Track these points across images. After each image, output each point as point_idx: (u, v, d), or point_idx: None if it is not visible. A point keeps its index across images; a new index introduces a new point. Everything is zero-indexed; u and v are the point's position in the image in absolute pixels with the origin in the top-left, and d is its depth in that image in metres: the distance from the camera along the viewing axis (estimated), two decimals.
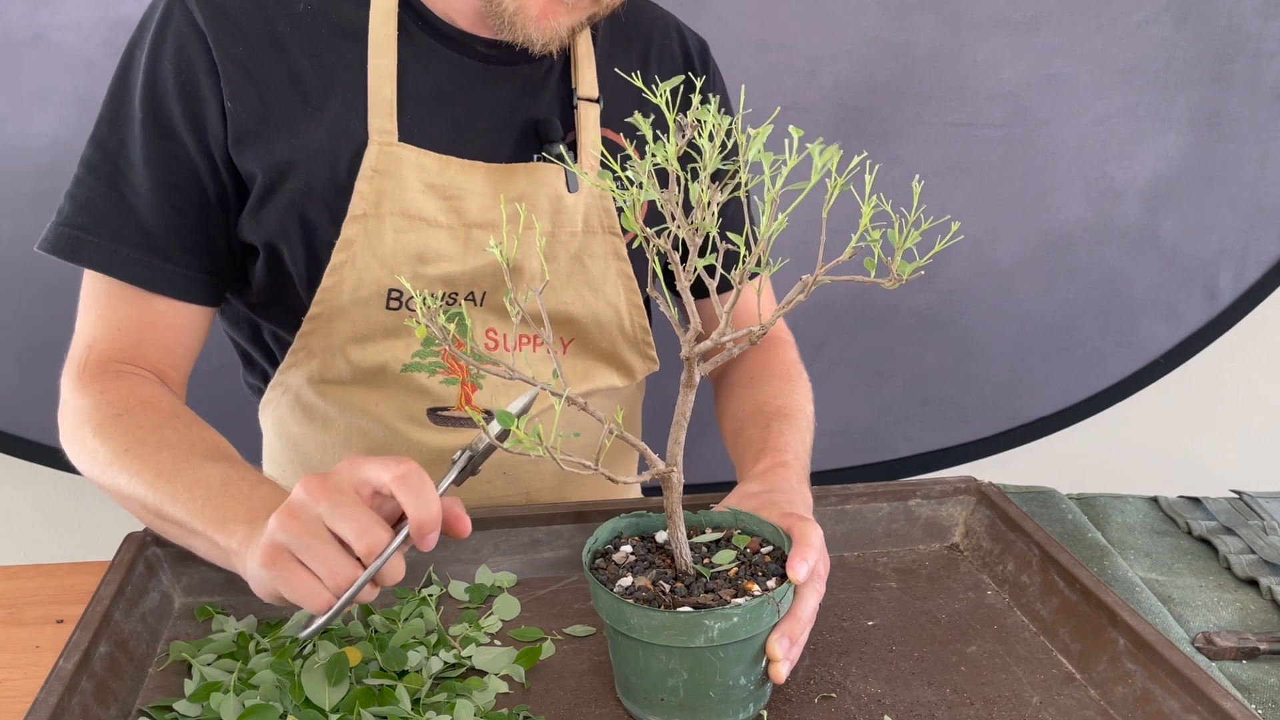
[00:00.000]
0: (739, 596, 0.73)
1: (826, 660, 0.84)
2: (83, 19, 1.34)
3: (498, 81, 0.98)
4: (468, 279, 0.98)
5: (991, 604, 0.93)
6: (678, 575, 0.76)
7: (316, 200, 0.93)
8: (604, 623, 0.76)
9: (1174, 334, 1.77)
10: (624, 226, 0.61)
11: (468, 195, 0.96)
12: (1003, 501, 1.00)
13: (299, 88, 0.93)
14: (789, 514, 0.82)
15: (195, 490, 0.80)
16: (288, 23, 0.93)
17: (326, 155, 0.93)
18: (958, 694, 0.81)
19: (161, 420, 0.87)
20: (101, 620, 0.78)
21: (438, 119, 0.96)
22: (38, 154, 1.39)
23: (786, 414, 1.03)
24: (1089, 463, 1.82)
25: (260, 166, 0.92)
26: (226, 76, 0.90)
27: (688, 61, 1.09)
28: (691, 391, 0.73)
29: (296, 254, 0.95)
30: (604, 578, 0.75)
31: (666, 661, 0.72)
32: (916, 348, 1.69)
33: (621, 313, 1.05)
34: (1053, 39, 1.54)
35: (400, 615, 0.87)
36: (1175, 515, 1.16)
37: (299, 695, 0.75)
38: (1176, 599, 1.00)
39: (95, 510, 1.62)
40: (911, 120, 1.55)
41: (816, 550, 0.76)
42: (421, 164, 0.94)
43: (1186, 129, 1.63)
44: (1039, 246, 1.67)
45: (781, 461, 0.94)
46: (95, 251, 0.91)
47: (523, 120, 0.99)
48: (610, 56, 1.04)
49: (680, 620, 0.70)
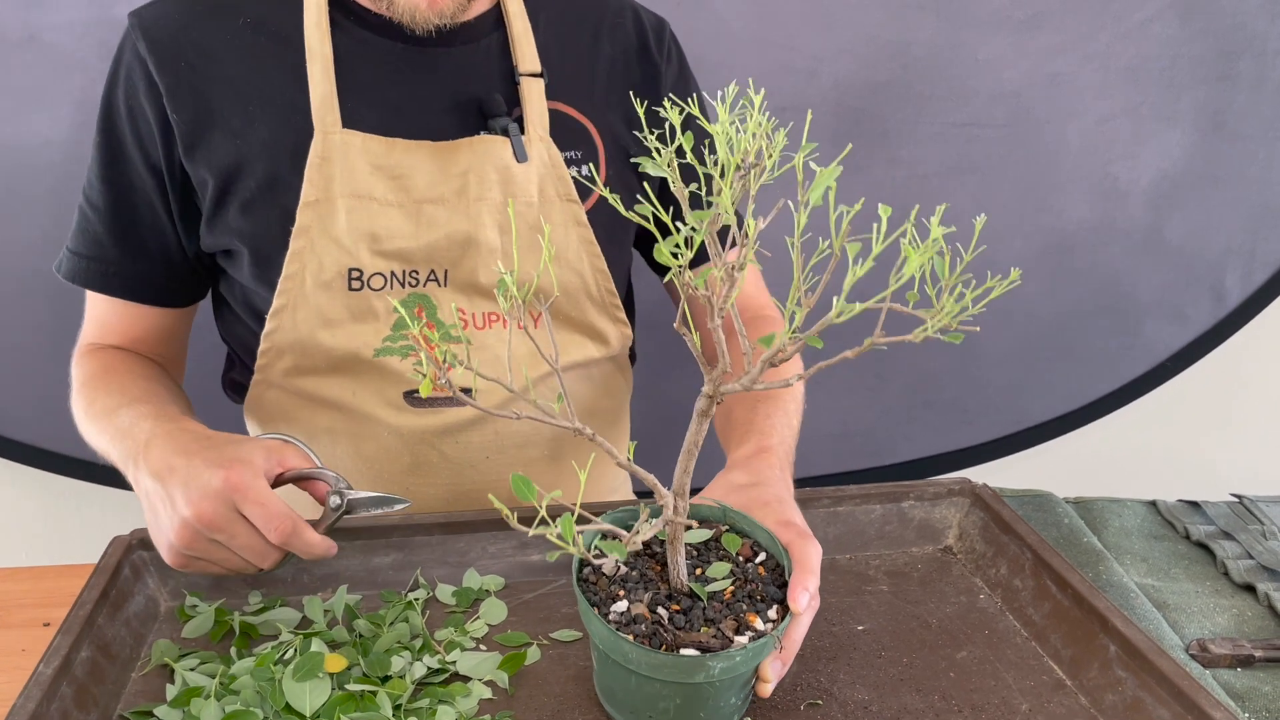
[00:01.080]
0: (740, 630, 0.71)
1: (814, 666, 0.84)
2: (76, 20, 1.34)
3: (435, 64, 1.01)
4: (424, 254, 0.99)
5: (983, 608, 0.92)
6: (671, 594, 0.74)
7: (267, 197, 0.97)
8: (589, 633, 0.75)
9: (1181, 336, 1.75)
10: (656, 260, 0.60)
11: (414, 173, 0.98)
12: (997, 504, 0.99)
13: (240, 93, 0.97)
14: (787, 523, 0.81)
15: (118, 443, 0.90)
16: (227, 35, 0.98)
17: (272, 153, 0.96)
18: (946, 701, 0.80)
19: (108, 386, 0.98)
20: (84, 624, 0.78)
21: (378, 105, 0.99)
22: (32, 155, 1.40)
23: (772, 395, 1.02)
24: (1094, 466, 1.80)
25: (211, 172, 0.97)
26: (169, 92, 0.96)
27: (641, 40, 1.09)
28: (706, 420, 0.70)
29: (256, 251, 0.98)
30: (595, 597, 0.73)
31: (661, 689, 0.71)
32: (918, 350, 1.68)
33: (587, 279, 1.05)
34: (1055, 38, 1.52)
35: (385, 620, 0.86)
36: (1174, 520, 1.14)
37: (279, 701, 0.74)
38: (1172, 605, 0.98)
39: (85, 512, 1.62)
40: (912, 120, 1.54)
41: (817, 575, 0.76)
42: (367, 147, 0.97)
43: (1191, 128, 1.61)
44: (1042, 248, 1.65)
45: (766, 446, 0.94)
46: (67, 263, 1.04)
47: (465, 99, 1.01)
48: (558, 36, 1.06)
49: (682, 662, 0.68)
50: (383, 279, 0.98)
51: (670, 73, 1.11)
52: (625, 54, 1.08)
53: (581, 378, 1.11)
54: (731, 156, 0.58)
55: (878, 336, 0.59)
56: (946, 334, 0.57)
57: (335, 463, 1.07)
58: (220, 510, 0.79)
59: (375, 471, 1.06)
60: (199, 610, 0.87)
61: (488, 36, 1.03)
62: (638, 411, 1.28)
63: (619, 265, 1.09)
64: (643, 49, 1.09)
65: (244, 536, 0.80)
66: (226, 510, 0.79)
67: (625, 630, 0.70)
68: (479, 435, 1.06)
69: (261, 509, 0.79)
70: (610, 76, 1.07)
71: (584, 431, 0.66)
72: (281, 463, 0.85)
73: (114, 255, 1.02)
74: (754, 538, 0.81)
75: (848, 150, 0.62)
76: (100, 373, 1.01)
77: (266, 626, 0.86)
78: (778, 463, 0.92)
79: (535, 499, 0.60)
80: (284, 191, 0.96)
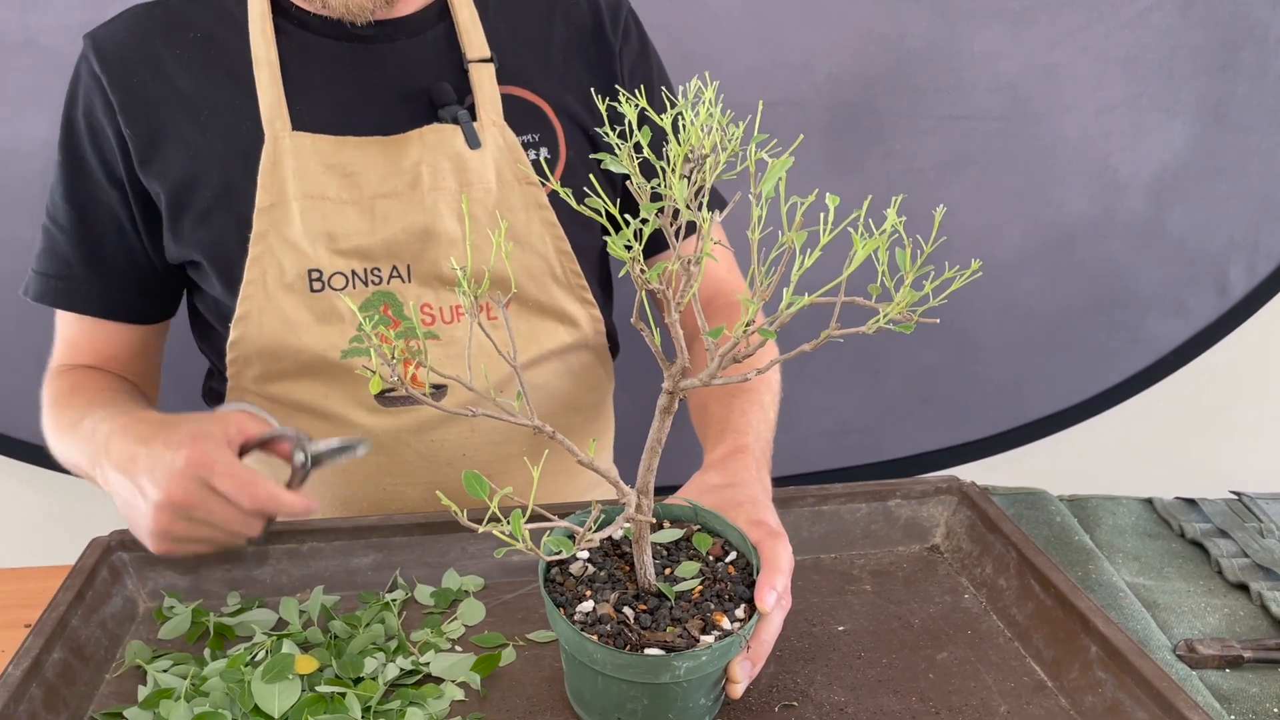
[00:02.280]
0: (706, 629, 0.71)
1: (791, 667, 0.83)
2: (72, 22, 1.35)
3: (381, 60, 1.01)
4: (383, 250, 0.99)
5: (967, 608, 0.91)
6: (638, 594, 0.74)
7: (223, 206, 0.97)
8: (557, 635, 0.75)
9: (1183, 330, 1.73)
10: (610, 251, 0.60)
11: (366, 169, 0.98)
12: (984, 502, 0.98)
13: (191, 105, 0.98)
14: (758, 523, 0.80)
15: (85, 445, 0.91)
16: (176, 49, 0.99)
17: (225, 161, 0.97)
18: (924, 702, 0.79)
19: (81, 392, 1.00)
20: (56, 625, 0.78)
21: (327, 105, 0.99)
22: (28, 158, 1.40)
23: (749, 388, 1.01)
24: (1093, 463, 1.78)
25: (164, 184, 0.98)
26: (121, 107, 0.97)
27: (597, 19, 1.08)
28: (669, 417, 0.69)
29: (216, 261, 0.99)
30: (562, 598, 0.73)
31: (628, 690, 0.70)
32: (915, 346, 1.66)
33: (551, 261, 1.05)
34: (1051, 29, 1.50)
35: (361, 621, 0.86)
36: (1169, 517, 1.13)
37: (248, 703, 0.74)
38: (1162, 604, 0.97)
39: (71, 513, 1.62)
40: (907, 114, 1.53)
41: (786, 575, 0.75)
42: (317, 148, 0.97)
43: (1192, 119, 1.59)
44: (1040, 241, 1.64)
45: (741, 446, 0.93)
46: (33, 284, 1.05)
47: (413, 91, 1.01)
48: (509, 20, 1.05)
49: (647, 661, 0.68)
50: (344, 279, 0.98)
51: (630, 52, 1.09)
52: (580, 34, 1.07)
53: (561, 370, 1.10)
54: (679, 148, 0.57)
55: (833, 329, 0.58)
56: (898, 325, 0.56)
57: None
58: (191, 488, 0.79)
59: (352, 473, 1.05)
60: (176, 611, 0.87)
61: (434, 27, 1.03)
62: (623, 408, 1.27)
63: (588, 248, 1.08)
64: (598, 28, 1.08)
65: (220, 510, 0.80)
66: (197, 487, 0.79)
67: (590, 630, 0.69)
68: (454, 433, 1.05)
69: (231, 480, 0.79)
70: (566, 58, 1.06)
71: (544, 429, 0.66)
72: (241, 430, 0.85)
73: (82, 274, 1.03)
74: (725, 537, 0.80)
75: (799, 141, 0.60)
76: (66, 391, 1.01)
77: (242, 628, 0.86)
78: (754, 462, 0.91)
79: (486, 496, 0.59)
80: (239, 199, 0.97)
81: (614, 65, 1.07)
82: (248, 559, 0.91)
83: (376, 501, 1.07)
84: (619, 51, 1.08)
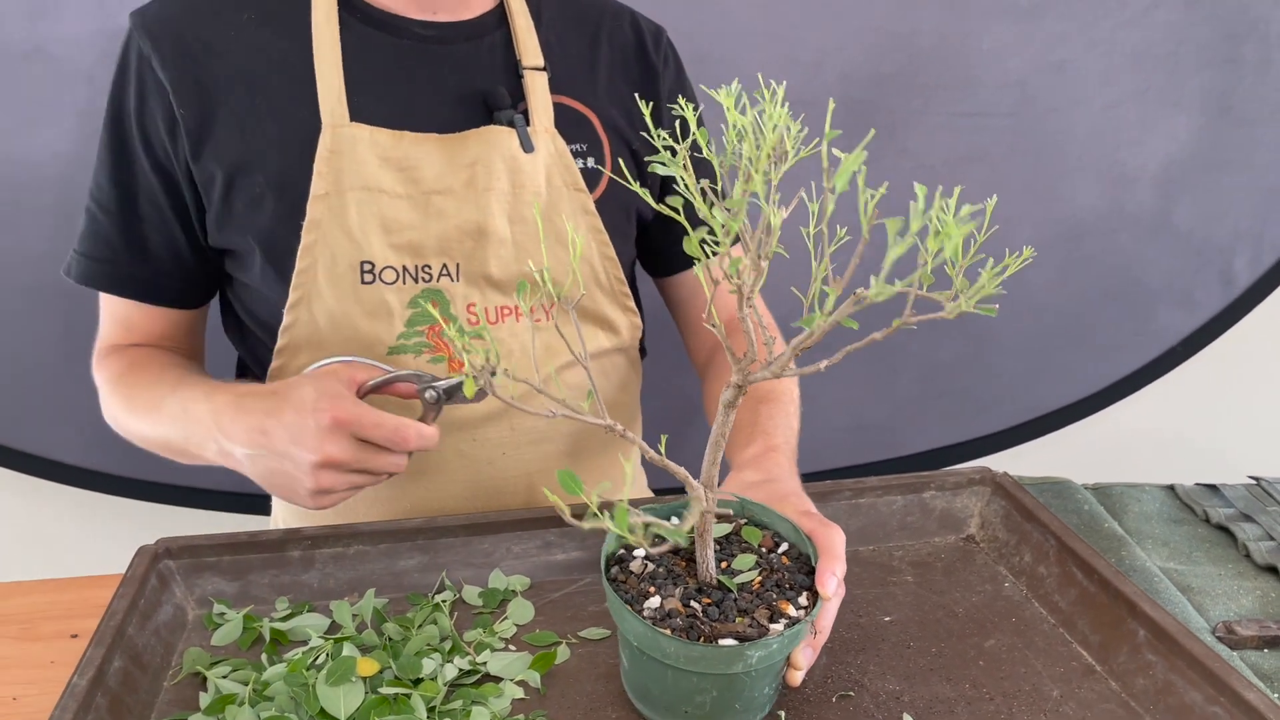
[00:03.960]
0: (773, 618, 0.72)
1: (844, 658, 0.84)
2: (81, 31, 1.34)
3: (439, 61, 1.02)
4: (435, 247, 1.00)
5: (1009, 596, 0.92)
6: (700, 587, 0.75)
7: (277, 192, 0.97)
8: (619, 630, 0.75)
9: (1190, 321, 1.75)
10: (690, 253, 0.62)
11: (423, 165, 0.99)
12: (1018, 492, 0.99)
13: (247, 88, 0.97)
14: (807, 513, 0.82)
15: (183, 423, 0.94)
16: (231, 31, 0.99)
17: (280, 148, 0.97)
18: (977, 689, 0.80)
19: (147, 374, 1.02)
20: (115, 635, 0.78)
21: (385, 100, 1.00)
22: (37, 168, 1.39)
23: (773, 397, 1.04)
24: (1108, 453, 1.80)
25: (219, 167, 0.97)
26: (174, 88, 0.96)
27: (639, 45, 1.11)
28: (734, 411, 0.70)
29: (267, 247, 0.99)
30: (627, 595, 0.73)
31: (698, 683, 0.71)
32: (930, 341, 1.68)
33: (596, 268, 1.07)
34: (1059, 25, 1.52)
35: (414, 623, 0.86)
36: (1193, 503, 1.14)
37: (314, 706, 0.74)
38: (1196, 588, 0.98)
39: (108, 523, 1.62)
40: (919, 111, 1.54)
41: (843, 561, 0.76)
42: (375, 140, 0.98)
43: (1198, 113, 1.61)
44: (1051, 236, 1.65)
45: (773, 445, 0.95)
46: (77, 266, 1.04)
47: (469, 93, 1.02)
48: (560, 34, 1.08)
49: (721, 653, 0.69)
50: (394, 273, 0.99)
51: (668, 76, 1.13)
52: (624, 54, 1.10)
53: (596, 372, 1.11)
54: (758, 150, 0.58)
55: (907, 316, 0.59)
56: (980, 307, 0.57)
57: None
58: (345, 445, 0.85)
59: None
60: (226, 618, 0.87)
61: (491, 34, 1.05)
62: (648, 407, 1.28)
63: (624, 256, 1.10)
64: (640, 50, 1.11)
65: (375, 458, 0.86)
66: (350, 443, 0.85)
67: (661, 625, 0.70)
68: (495, 431, 1.06)
69: (381, 429, 0.85)
70: (610, 74, 1.08)
71: (615, 428, 0.67)
72: (355, 380, 0.90)
73: (126, 258, 1.03)
74: (774, 529, 0.81)
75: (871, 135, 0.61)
76: (129, 369, 1.02)
77: (296, 632, 0.86)
78: (786, 461, 0.93)
79: (583, 493, 0.60)
80: (293, 186, 0.97)
81: (656, 85, 1.10)
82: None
83: (415, 501, 1.07)
84: (660, 74, 1.11)
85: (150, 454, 1.01)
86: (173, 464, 1.00)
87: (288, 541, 0.92)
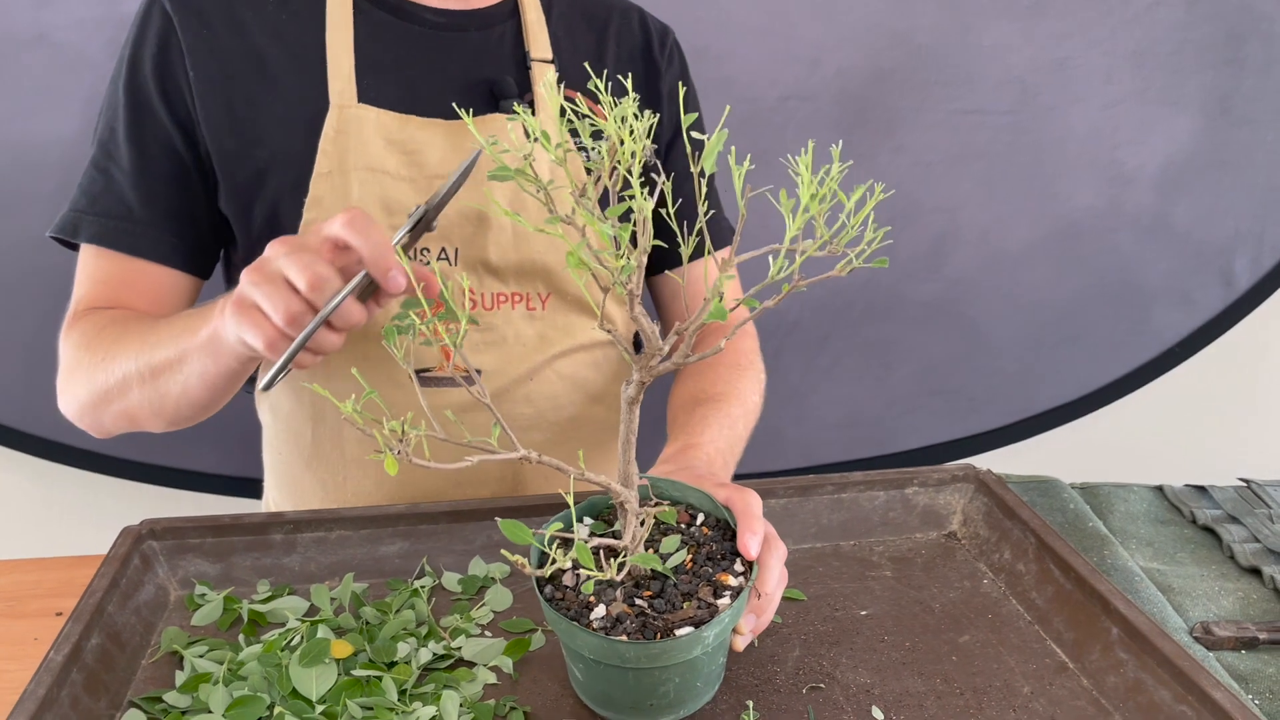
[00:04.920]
0: (716, 593, 0.72)
1: (817, 650, 0.84)
2: (86, 18, 1.36)
3: (450, 48, 1.04)
4: (436, 231, 0.99)
5: (987, 593, 0.93)
6: (638, 582, 0.74)
7: (279, 168, 0.98)
8: (564, 646, 0.75)
9: (1188, 322, 1.75)
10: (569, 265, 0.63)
11: (427, 149, 1.00)
12: (1001, 489, 0.99)
13: (259, 64, 0.99)
14: (720, 485, 0.82)
15: (175, 326, 0.89)
16: (249, 8, 1.00)
17: (287, 125, 0.98)
18: (948, 684, 0.80)
19: (135, 319, 0.96)
20: (94, 613, 0.79)
21: (394, 83, 1.01)
22: (41, 153, 1.41)
23: (719, 400, 1.04)
24: (1102, 453, 1.80)
25: (227, 136, 0.98)
26: (189, 50, 0.97)
27: (646, 44, 1.13)
28: (637, 408, 0.71)
29: (269, 220, 1.00)
30: (570, 611, 0.72)
31: (660, 675, 0.71)
32: (924, 338, 1.67)
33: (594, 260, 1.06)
34: (1060, 23, 1.52)
35: (392, 607, 0.87)
36: (1180, 504, 1.14)
37: (286, 686, 0.75)
38: (1177, 588, 0.98)
39: (96, 504, 1.63)
40: (916, 108, 1.54)
41: (761, 519, 0.76)
42: (381, 122, 0.99)
43: (1198, 113, 1.61)
44: (1048, 234, 1.65)
45: (692, 444, 0.95)
46: (88, 227, 0.99)
47: (477, 81, 1.03)
48: (569, 29, 1.09)
49: (680, 643, 0.68)
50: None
51: (671, 76, 1.14)
52: (630, 52, 1.12)
53: (588, 363, 1.12)
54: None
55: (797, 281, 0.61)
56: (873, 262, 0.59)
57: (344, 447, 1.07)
58: (315, 239, 0.80)
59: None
60: (207, 599, 0.88)
61: (501, 24, 1.06)
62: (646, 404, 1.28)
63: None
64: (646, 48, 1.12)
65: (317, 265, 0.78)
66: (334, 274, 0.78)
67: (614, 633, 0.69)
68: (486, 416, 1.06)
69: (353, 220, 0.78)
70: (616, 72, 1.09)
71: (530, 457, 0.68)
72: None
73: (142, 216, 0.99)
74: (686, 502, 0.81)
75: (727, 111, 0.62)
76: (118, 319, 0.96)
77: (274, 614, 0.87)
78: (705, 456, 0.93)
79: (531, 539, 0.63)
80: (296, 164, 0.98)
81: (658, 85, 1.12)
82: None
83: (405, 482, 1.08)
84: (663, 73, 1.12)
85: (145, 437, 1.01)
86: (175, 448, 1.00)
87: (270, 525, 0.92)
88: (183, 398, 0.91)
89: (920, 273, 1.61)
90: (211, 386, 0.90)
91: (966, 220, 1.60)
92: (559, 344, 1.08)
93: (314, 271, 0.77)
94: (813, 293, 1.58)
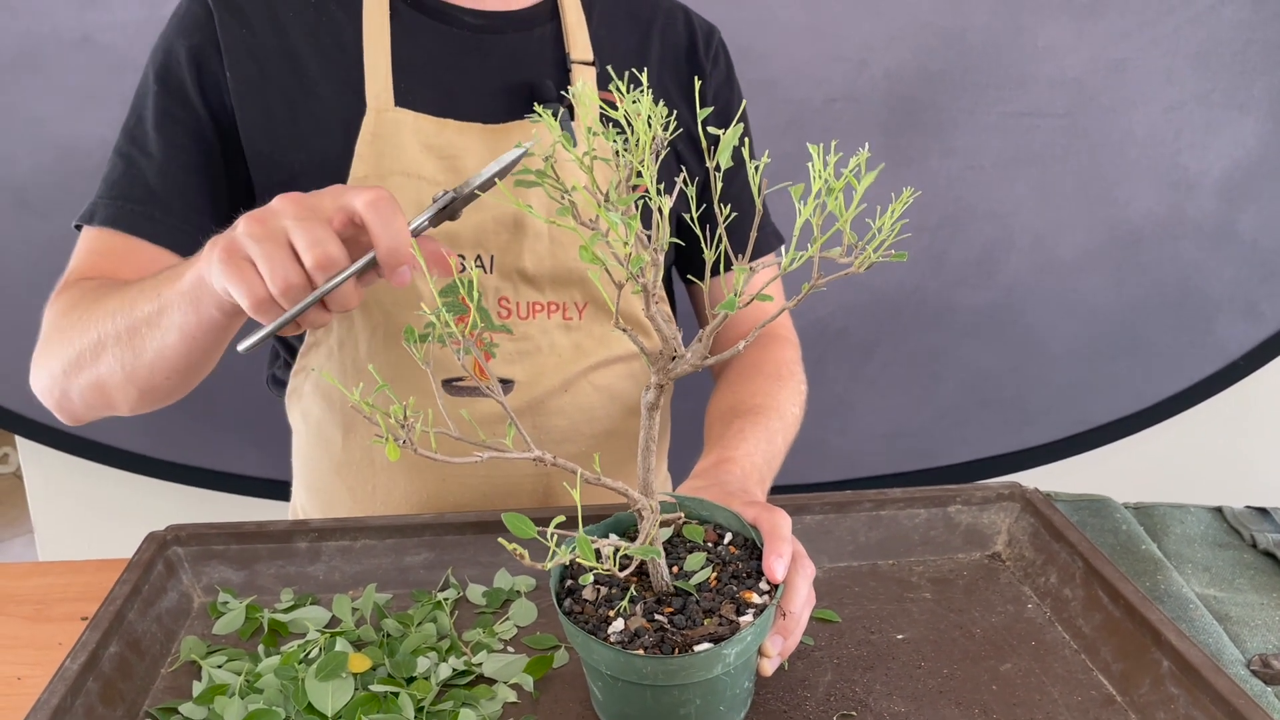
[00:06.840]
0: (740, 611, 0.70)
1: (850, 676, 0.81)
2: (129, 20, 1.37)
3: (488, 50, 1.02)
4: (470, 237, 0.99)
5: (1031, 618, 0.89)
6: (659, 598, 0.72)
7: (317, 171, 0.96)
8: (584, 663, 0.73)
9: (1254, 333, 1.68)
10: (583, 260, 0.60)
11: (464, 154, 0.98)
12: (1048, 509, 0.95)
13: (296, 66, 0.98)
14: (750, 503, 0.79)
15: (158, 278, 0.84)
16: (288, 9, 1.00)
17: (323, 128, 0.97)
18: (986, 715, 0.77)
19: (123, 283, 0.90)
20: (113, 620, 0.78)
21: (432, 86, 1.00)
22: (85, 155, 1.42)
23: (758, 412, 1.01)
24: (1160, 471, 1.74)
25: (260, 137, 0.98)
26: (226, 48, 0.97)
27: (691, 44, 1.10)
28: (656, 413, 0.69)
29: None
30: (588, 624, 0.70)
31: (679, 695, 0.69)
32: (975, 348, 1.63)
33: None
34: (1119, 22, 1.46)
35: (414, 619, 0.85)
36: (1240, 527, 1.09)
37: (302, 700, 0.74)
38: (1234, 617, 0.93)
39: (124, 507, 1.64)
40: (968, 110, 1.50)
41: (789, 540, 0.74)
42: (418, 126, 0.97)
43: (1266, 116, 1.54)
44: (1106, 241, 1.60)
45: (727, 458, 0.92)
46: (105, 210, 0.96)
47: (516, 84, 1.02)
48: (611, 29, 1.07)
49: (699, 659, 0.66)
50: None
51: (717, 77, 1.11)
52: (675, 53, 1.09)
53: (624, 374, 1.10)
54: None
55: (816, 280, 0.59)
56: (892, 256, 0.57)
57: (373, 456, 1.06)
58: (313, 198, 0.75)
59: (410, 462, 1.05)
60: (230, 607, 0.87)
61: (541, 26, 1.05)
62: (680, 411, 1.26)
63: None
64: (691, 49, 1.10)
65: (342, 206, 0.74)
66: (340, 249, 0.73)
67: (632, 647, 0.67)
68: (524, 426, 1.05)
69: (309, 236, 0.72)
70: (660, 73, 1.08)
71: (545, 459, 0.66)
72: None
73: (164, 204, 0.97)
74: (714, 521, 0.79)
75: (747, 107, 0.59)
76: (97, 286, 0.92)
77: (295, 624, 0.85)
78: (740, 471, 0.90)
79: (535, 533, 0.60)
80: (332, 167, 0.97)
81: (702, 87, 1.09)
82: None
83: (434, 494, 1.06)
84: (708, 74, 1.10)
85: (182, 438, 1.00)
86: (211, 449, 0.99)
87: (295, 533, 0.91)
88: (157, 358, 0.85)
89: (971, 280, 1.56)
90: (189, 343, 0.83)
91: (1020, 226, 1.55)
92: (595, 355, 1.06)
93: (324, 250, 0.71)
94: (859, 300, 1.55)
